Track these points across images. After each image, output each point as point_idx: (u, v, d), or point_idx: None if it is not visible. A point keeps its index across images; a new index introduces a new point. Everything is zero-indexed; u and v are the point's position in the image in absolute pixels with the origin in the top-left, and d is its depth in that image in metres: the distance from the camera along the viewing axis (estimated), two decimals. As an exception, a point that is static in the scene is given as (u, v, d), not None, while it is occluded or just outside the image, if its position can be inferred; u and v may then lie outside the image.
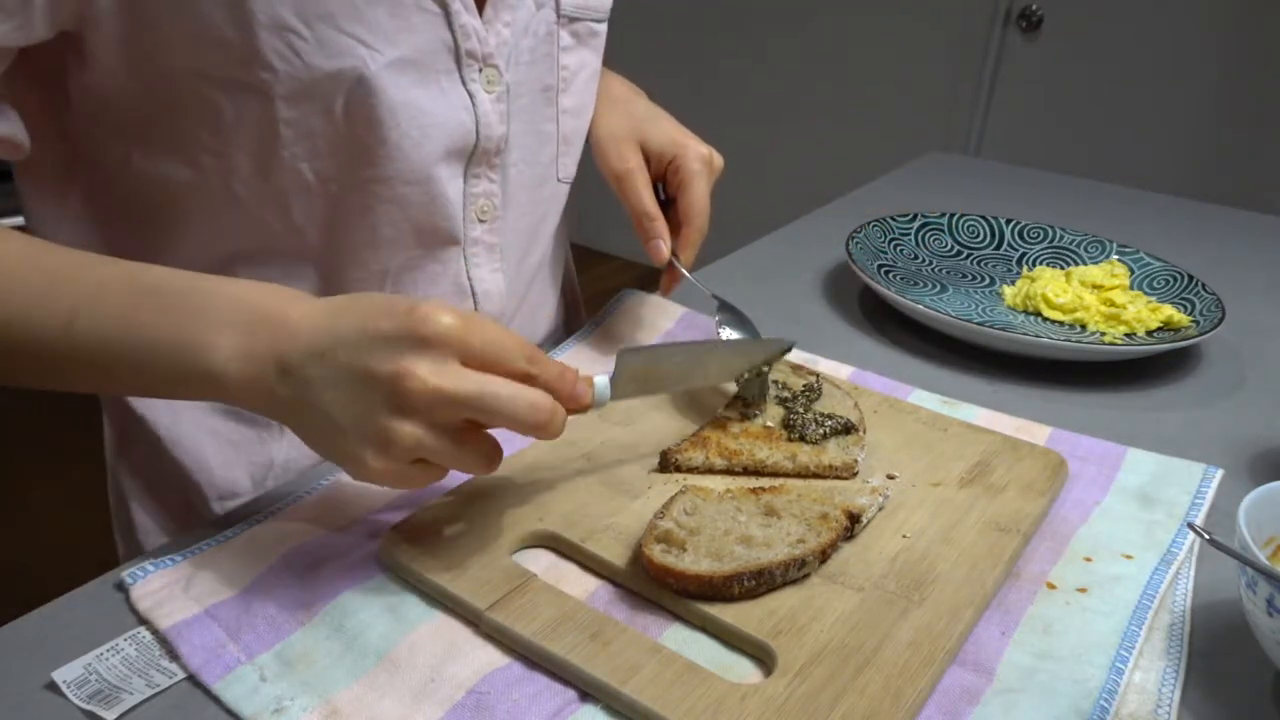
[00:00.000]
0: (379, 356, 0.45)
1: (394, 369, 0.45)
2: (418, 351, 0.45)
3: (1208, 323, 0.86)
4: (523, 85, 0.69)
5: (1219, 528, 0.63)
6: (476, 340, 0.46)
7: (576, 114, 0.75)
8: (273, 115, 0.57)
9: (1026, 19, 2.40)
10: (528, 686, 0.46)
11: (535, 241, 0.77)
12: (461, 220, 0.68)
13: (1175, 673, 0.51)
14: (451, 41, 0.62)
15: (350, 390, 0.46)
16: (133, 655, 0.47)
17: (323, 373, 0.47)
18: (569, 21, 0.71)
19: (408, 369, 0.45)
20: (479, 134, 0.66)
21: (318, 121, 0.59)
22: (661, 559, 0.51)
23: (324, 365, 0.47)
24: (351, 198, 0.62)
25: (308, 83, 0.57)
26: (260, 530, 0.56)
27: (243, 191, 0.61)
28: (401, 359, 0.45)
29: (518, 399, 0.47)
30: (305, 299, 0.50)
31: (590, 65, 0.75)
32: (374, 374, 0.45)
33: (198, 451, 0.69)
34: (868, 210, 1.10)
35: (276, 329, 0.48)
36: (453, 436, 0.47)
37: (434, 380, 0.45)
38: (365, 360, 0.46)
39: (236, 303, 0.50)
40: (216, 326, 0.49)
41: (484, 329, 0.47)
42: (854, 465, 0.63)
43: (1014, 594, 0.55)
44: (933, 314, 0.85)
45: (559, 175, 0.76)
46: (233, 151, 0.59)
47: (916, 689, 0.46)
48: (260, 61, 0.55)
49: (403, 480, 0.48)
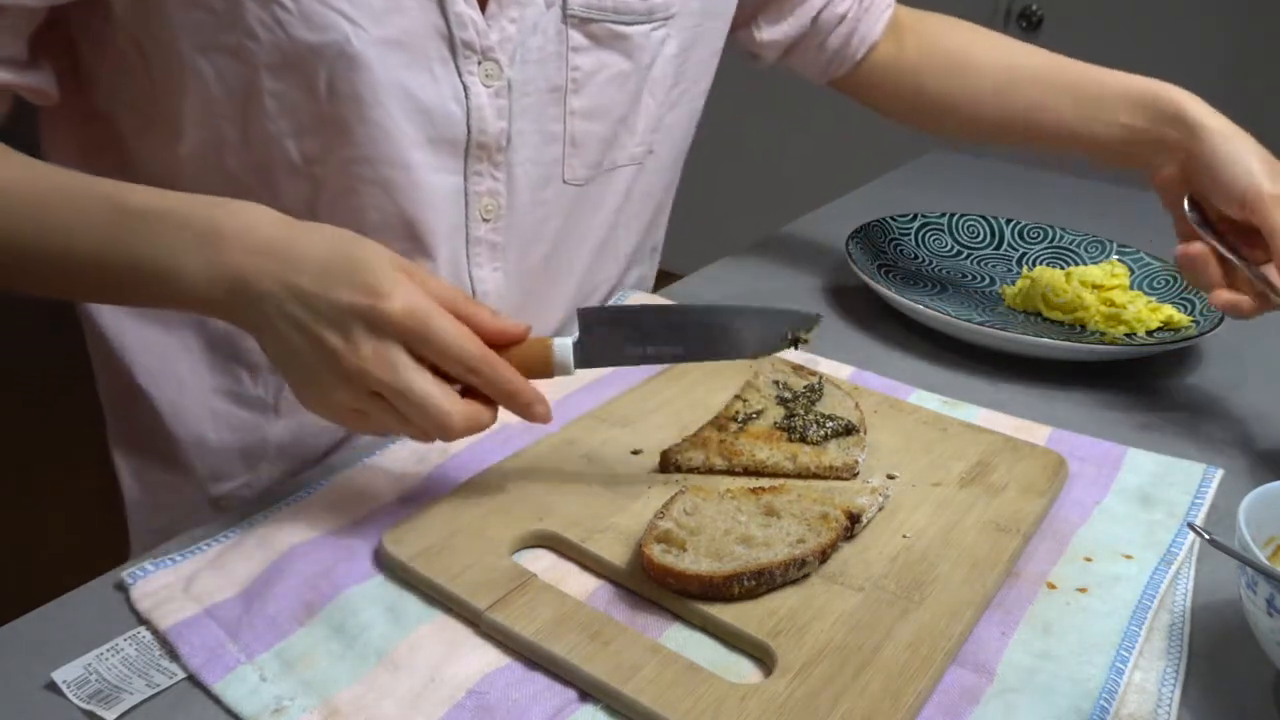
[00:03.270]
0: (332, 321, 0.49)
1: (341, 342, 0.49)
2: (364, 334, 0.49)
3: (1208, 323, 0.86)
4: (529, 83, 0.68)
5: (1219, 528, 0.63)
6: (419, 337, 0.49)
7: (589, 116, 0.73)
8: (258, 86, 0.58)
9: (1026, 19, 2.41)
10: (528, 686, 0.46)
11: (538, 241, 0.75)
12: (464, 218, 0.68)
13: (1175, 673, 0.51)
14: (445, 29, 0.62)
15: (302, 338, 0.50)
16: (133, 655, 0.47)
17: (279, 314, 0.50)
18: (581, 22, 0.69)
19: (352, 346, 0.49)
20: (470, 126, 0.65)
21: (300, 95, 0.59)
22: (661, 559, 0.51)
23: (281, 310, 0.50)
24: (336, 179, 0.62)
25: (291, 54, 0.57)
26: (260, 530, 0.56)
27: (234, 164, 0.61)
28: (350, 334, 0.49)
29: (439, 407, 0.49)
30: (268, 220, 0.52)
31: (614, 68, 0.72)
32: (322, 339, 0.49)
33: (196, 430, 0.70)
34: (868, 210, 1.10)
35: (237, 251, 0.51)
36: (386, 419, 0.51)
37: (368, 366, 0.49)
38: (318, 322, 0.49)
39: (206, 215, 0.52)
40: (187, 240, 0.52)
41: (436, 326, 0.49)
42: (854, 466, 0.63)
43: (1014, 594, 0.55)
44: (933, 314, 0.85)
45: (565, 177, 0.74)
46: (220, 122, 0.60)
47: (916, 689, 0.46)
48: (244, 29, 0.56)
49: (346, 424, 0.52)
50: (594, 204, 0.79)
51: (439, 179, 0.65)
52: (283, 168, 0.61)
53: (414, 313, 0.49)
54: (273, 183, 0.62)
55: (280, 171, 0.62)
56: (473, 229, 0.69)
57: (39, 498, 2.12)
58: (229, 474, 0.70)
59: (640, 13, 0.72)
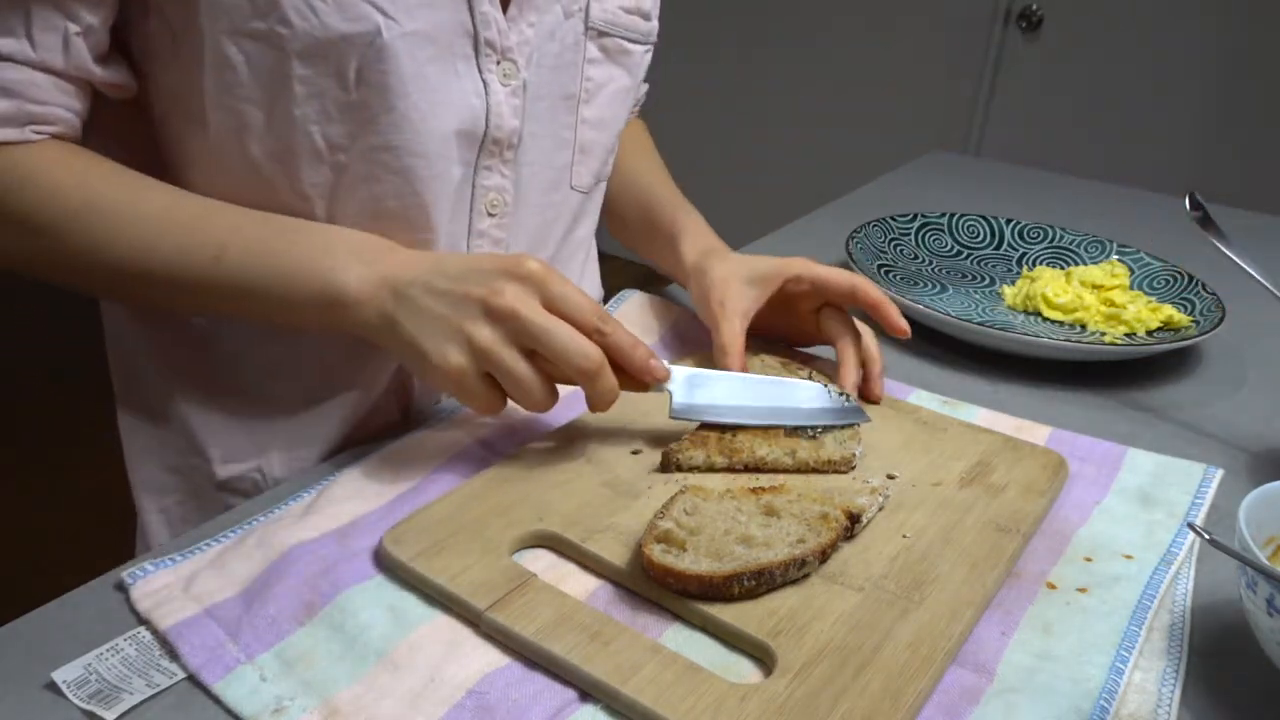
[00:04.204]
0: (476, 281, 0.57)
1: (487, 289, 0.57)
2: (507, 280, 0.57)
3: (1208, 323, 0.86)
4: (543, 88, 0.70)
5: (1219, 528, 0.63)
6: (556, 289, 0.57)
7: (597, 126, 0.76)
8: (287, 71, 0.59)
9: (1026, 19, 2.40)
10: (528, 686, 0.46)
11: (543, 243, 0.78)
12: (468, 210, 0.69)
13: (1175, 673, 0.51)
14: (471, 27, 0.64)
15: (448, 304, 0.58)
16: (133, 655, 0.47)
17: (427, 291, 0.58)
18: (598, 35, 0.73)
19: (498, 289, 0.56)
20: (489, 122, 0.67)
21: (329, 83, 0.60)
22: (661, 559, 0.51)
23: (428, 285, 0.58)
24: (358, 166, 0.64)
25: (324, 42, 0.59)
26: (260, 530, 0.56)
27: (256, 149, 0.62)
28: (494, 282, 0.57)
29: (575, 341, 0.56)
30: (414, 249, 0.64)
31: (618, 82, 0.76)
32: (469, 294, 0.57)
33: (206, 410, 0.71)
34: (868, 210, 1.10)
35: (391, 261, 0.61)
36: (520, 355, 0.57)
37: (514, 303, 0.56)
38: (465, 285, 0.57)
39: (358, 240, 0.62)
40: (344, 255, 0.61)
41: (565, 284, 0.58)
42: (852, 460, 0.63)
43: (1014, 594, 0.55)
44: (933, 314, 0.85)
45: (572, 183, 0.77)
46: (246, 107, 0.61)
47: (916, 689, 0.46)
48: (278, 16, 0.58)
49: (467, 386, 0.57)
50: (593, 210, 0.83)
51: (453, 170, 0.67)
52: (306, 154, 0.63)
53: (547, 269, 0.58)
54: (294, 169, 0.63)
55: (303, 157, 0.63)
56: (476, 221, 0.71)
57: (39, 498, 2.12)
58: (238, 457, 0.71)
59: (643, 33, 0.77)
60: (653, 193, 0.89)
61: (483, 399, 0.58)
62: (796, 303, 0.76)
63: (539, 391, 0.57)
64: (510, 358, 0.56)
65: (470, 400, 0.59)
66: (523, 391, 0.57)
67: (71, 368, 1.53)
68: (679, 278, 0.84)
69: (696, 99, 2.91)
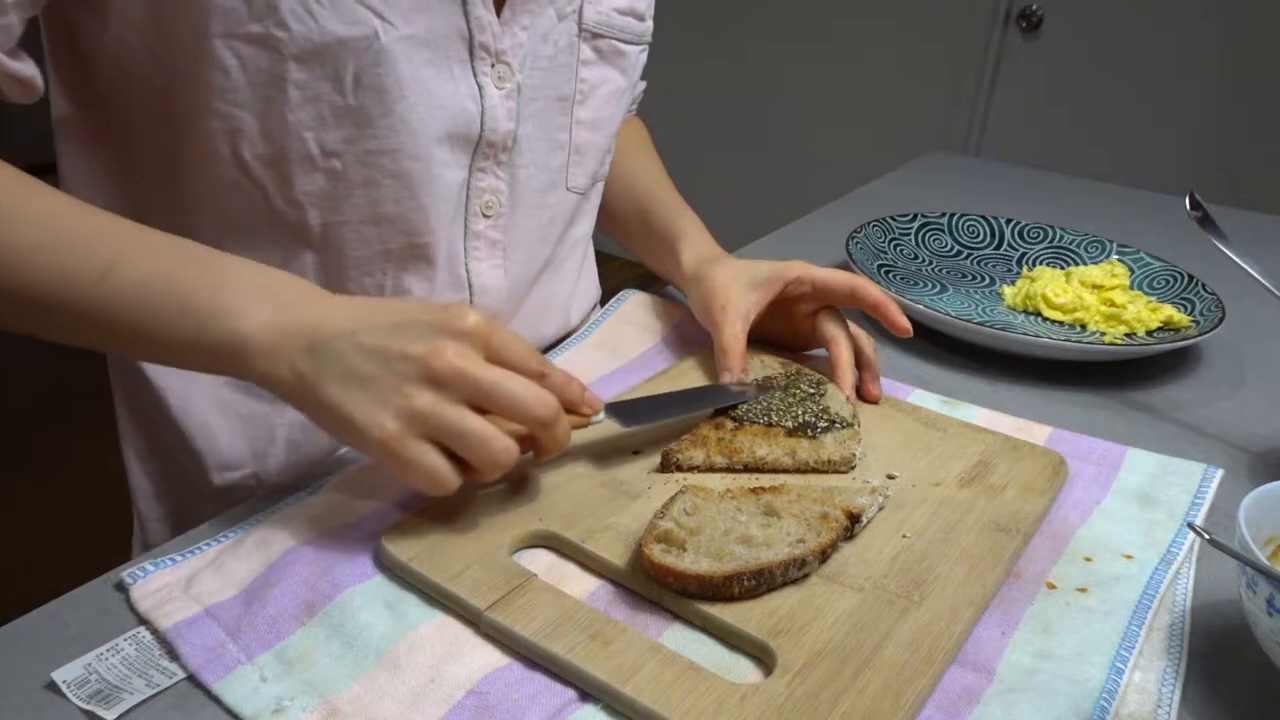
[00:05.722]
0: (412, 337, 0.51)
1: (426, 348, 0.50)
2: (447, 338, 0.51)
3: (1208, 323, 0.86)
4: (538, 90, 0.70)
5: (1219, 528, 0.63)
6: (497, 340, 0.52)
7: (592, 127, 0.76)
8: (283, 75, 0.59)
9: (1026, 19, 2.40)
10: (528, 686, 0.46)
11: (541, 245, 0.78)
12: (464, 211, 0.69)
13: (1175, 673, 0.51)
14: (466, 31, 0.64)
15: (379, 364, 0.51)
16: (133, 655, 0.47)
17: (354, 348, 0.51)
18: (592, 37, 0.73)
19: (438, 349, 0.50)
20: (484, 125, 0.67)
21: (326, 87, 0.60)
22: (661, 559, 0.51)
23: (356, 342, 0.51)
24: (355, 171, 0.64)
25: (321, 45, 0.59)
26: (261, 530, 0.56)
27: (248, 155, 0.62)
28: (434, 341, 0.50)
29: (529, 389, 0.52)
30: (337, 295, 0.55)
31: (613, 83, 0.76)
32: (406, 352, 0.50)
33: (204, 418, 0.70)
34: (868, 210, 1.10)
35: (309, 310, 0.53)
36: (467, 418, 0.50)
37: (458, 361, 0.50)
38: (400, 341, 0.51)
39: (273, 281, 0.54)
40: (252, 297, 0.53)
41: (503, 333, 0.53)
42: (851, 459, 0.63)
43: (1014, 594, 0.55)
44: (933, 314, 0.85)
45: (568, 184, 0.77)
46: (238, 112, 0.60)
47: (916, 689, 0.46)
48: (276, 19, 0.57)
49: (405, 455, 0.50)
50: (590, 211, 0.84)
51: (449, 173, 0.67)
52: (299, 160, 0.62)
53: (485, 321, 0.52)
54: (286, 175, 0.63)
55: (297, 163, 0.62)
56: (471, 223, 0.71)
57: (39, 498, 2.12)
58: (236, 464, 0.71)
59: (636, 34, 0.77)
60: (651, 195, 0.89)
61: (424, 469, 0.50)
62: (795, 306, 0.76)
63: (500, 440, 0.50)
64: (458, 414, 0.50)
65: (410, 471, 0.50)
66: (480, 444, 0.50)
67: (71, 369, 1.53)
68: (677, 283, 0.84)
69: (695, 99, 2.91)
